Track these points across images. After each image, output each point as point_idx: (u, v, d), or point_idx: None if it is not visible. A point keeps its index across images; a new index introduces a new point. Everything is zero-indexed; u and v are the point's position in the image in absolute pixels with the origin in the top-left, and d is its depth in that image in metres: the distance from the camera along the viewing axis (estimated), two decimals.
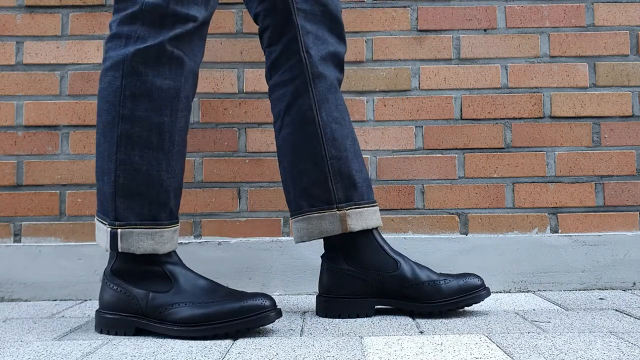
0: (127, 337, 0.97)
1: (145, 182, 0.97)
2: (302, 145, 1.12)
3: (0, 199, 1.41)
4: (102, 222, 1.00)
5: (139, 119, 0.96)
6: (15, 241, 1.41)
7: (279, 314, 0.97)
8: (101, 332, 1.00)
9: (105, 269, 1.02)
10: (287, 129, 1.13)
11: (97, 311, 1.02)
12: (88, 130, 1.43)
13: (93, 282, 1.37)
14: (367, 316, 1.11)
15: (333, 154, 1.11)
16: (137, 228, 0.97)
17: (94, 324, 1.06)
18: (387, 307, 1.13)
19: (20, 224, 1.41)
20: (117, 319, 0.99)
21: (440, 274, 1.12)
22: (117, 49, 0.97)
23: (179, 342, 0.93)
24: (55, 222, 1.41)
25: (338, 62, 1.16)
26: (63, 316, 1.18)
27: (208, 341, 0.93)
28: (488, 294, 1.11)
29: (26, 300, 1.37)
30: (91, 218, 1.42)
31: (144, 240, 0.97)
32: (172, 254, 1.01)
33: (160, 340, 0.94)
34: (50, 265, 1.37)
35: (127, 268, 1.00)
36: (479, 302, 1.11)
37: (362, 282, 1.11)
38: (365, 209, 1.12)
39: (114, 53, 0.97)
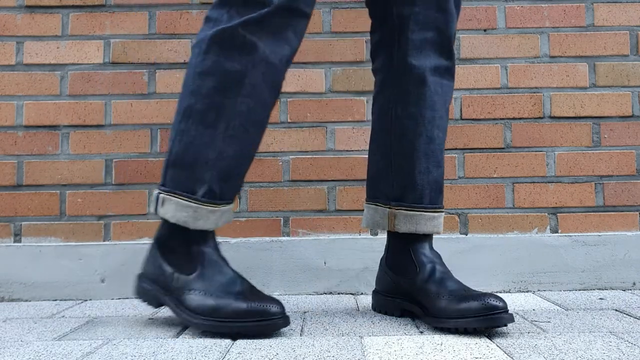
0: (127, 337, 0.98)
1: (192, 155, 1.00)
2: (378, 134, 1.16)
3: (0, 199, 1.41)
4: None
5: (202, 96, 1.00)
6: (15, 241, 1.41)
7: (286, 321, 0.96)
8: (138, 298, 1.09)
9: (154, 235, 1.08)
10: (373, 116, 1.18)
11: (138, 275, 1.09)
12: (88, 130, 1.43)
13: (93, 282, 1.37)
14: (393, 315, 1.11)
15: (398, 150, 1.12)
16: (175, 197, 1.00)
17: (94, 324, 1.07)
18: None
19: (21, 224, 1.41)
20: (150, 289, 1.06)
21: (465, 287, 1.01)
22: (204, 30, 1.02)
23: (179, 341, 0.93)
24: (55, 222, 1.41)
25: (440, 45, 1.10)
26: (63, 316, 1.18)
27: (208, 341, 0.93)
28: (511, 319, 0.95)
29: (26, 300, 1.37)
30: (91, 218, 1.42)
31: (179, 211, 1.00)
32: (210, 238, 1.03)
33: (160, 340, 0.94)
34: (51, 265, 1.37)
35: (166, 239, 1.05)
36: (501, 325, 0.95)
37: (390, 281, 1.13)
38: (417, 212, 1.09)
39: (201, 34, 1.02)
